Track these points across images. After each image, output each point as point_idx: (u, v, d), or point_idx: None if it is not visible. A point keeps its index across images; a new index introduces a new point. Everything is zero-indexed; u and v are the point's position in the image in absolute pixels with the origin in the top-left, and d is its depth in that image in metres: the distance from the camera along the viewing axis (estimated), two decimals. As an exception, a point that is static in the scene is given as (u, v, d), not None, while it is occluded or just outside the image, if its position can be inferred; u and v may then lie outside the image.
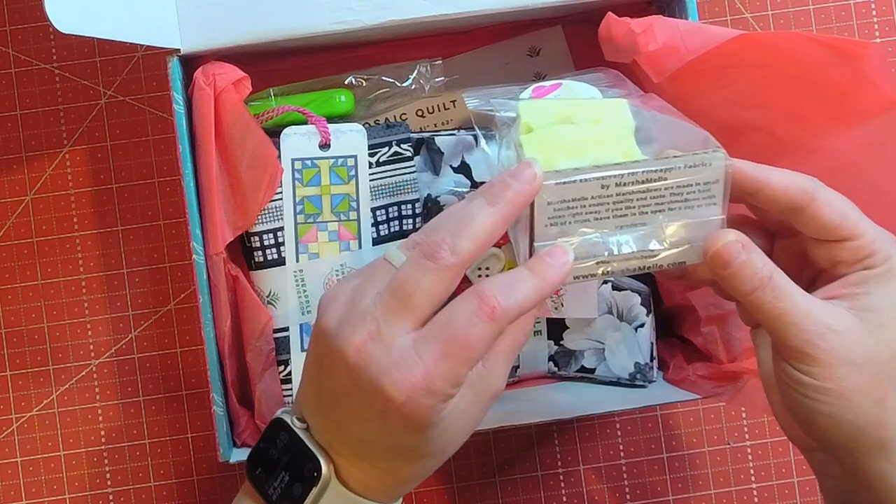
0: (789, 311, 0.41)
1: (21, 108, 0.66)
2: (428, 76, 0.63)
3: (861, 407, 0.41)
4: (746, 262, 0.42)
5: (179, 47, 0.55)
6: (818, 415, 0.41)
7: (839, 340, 0.40)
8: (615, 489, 0.67)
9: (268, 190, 0.56)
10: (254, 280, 0.57)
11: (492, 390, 0.43)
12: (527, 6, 0.56)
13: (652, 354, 0.61)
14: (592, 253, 0.43)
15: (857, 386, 0.40)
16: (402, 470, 0.44)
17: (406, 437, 0.41)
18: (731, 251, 0.42)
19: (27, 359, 0.66)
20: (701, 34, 0.49)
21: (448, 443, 0.43)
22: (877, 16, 0.68)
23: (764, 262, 0.42)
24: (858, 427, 0.41)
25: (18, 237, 0.66)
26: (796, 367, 0.41)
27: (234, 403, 0.57)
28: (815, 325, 0.41)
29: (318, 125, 0.57)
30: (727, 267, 0.42)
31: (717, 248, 0.42)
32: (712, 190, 0.43)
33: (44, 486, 0.65)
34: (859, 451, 0.41)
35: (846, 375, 0.40)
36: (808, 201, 0.42)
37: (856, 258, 0.42)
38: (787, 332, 0.41)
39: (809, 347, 0.40)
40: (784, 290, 0.41)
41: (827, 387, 0.40)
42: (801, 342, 0.40)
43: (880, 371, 0.41)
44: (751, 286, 0.41)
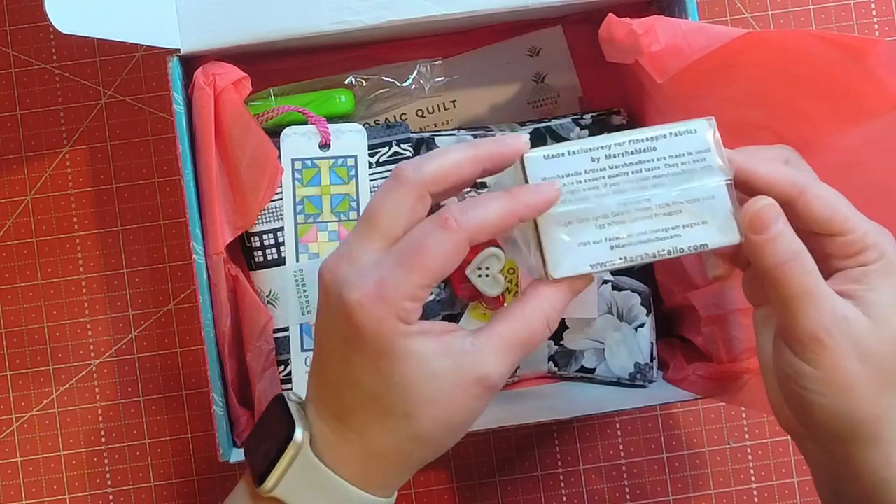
0: (814, 290, 0.40)
1: (21, 108, 0.66)
2: (428, 76, 0.63)
3: (861, 401, 0.41)
4: (784, 231, 0.41)
5: (179, 47, 0.55)
6: (816, 406, 0.41)
7: (850, 331, 0.40)
8: (615, 489, 0.67)
9: (268, 190, 0.56)
10: (254, 280, 0.57)
11: (478, 372, 0.41)
12: (527, 6, 0.56)
13: (652, 354, 0.61)
14: (603, 236, 0.43)
15: (860, 380, 0.40)
16: (372, 432, 0.42)
17: (367, 368, 0.40)
18: (771, 215, 0.41)
19: (27, 359, 0.66)
20: (705, 34, 0.49)
21: (419, 406, 0.41)
22: (877, 16, 0.68)
23: (795, 236, 0.41)
24: (855, 420, 0.41)
25: (18, 237, 0.66)
26: (801, 356, 0.41)
27: (234, 403, 0.57)
28: (832, 310, 0.40)
29: (318, 125, 0.57)
30: (765, 230, 0.41)
31: (757, 209, 0.41)
32: (706, 159, 0.43)
33: (44, 486, 0.65)
34: (853, 443, 0.42)
35: (851, 368, 0.40)
36: (798, 194, 0.42)
37: (847, 253, 0.42)
38: (805, 313, 0.40)
39: (823, 333, 0.40)
40: (812, 269, 0.41)
41: (830, 379, 0.40)
42: (816, 327, 0.40)
43: (881, 366, 0.41)
44: (784, 256, 0.40)
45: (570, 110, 0.64)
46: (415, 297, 0.40)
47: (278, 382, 0.57)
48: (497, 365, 0.41)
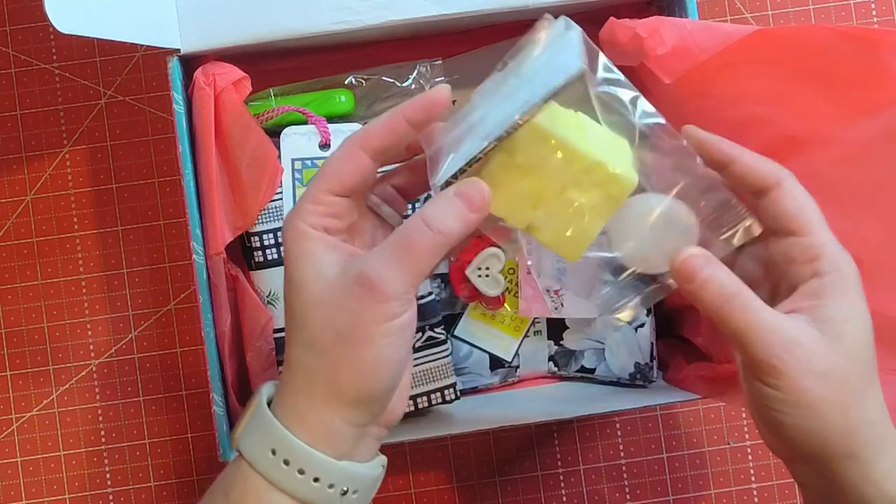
0: (755, 325, 0.41)
1: (21, 108, 0.66)
2: (428, 76, 0.63)
3: (827, 417, 0.41)
4: (712, 277, 0.42)
5: (179, 47, 0.55)
6: (787, 427, 0.42)
7: (802, 353, 0.41)
8: (615, 489, 0.67)
9: (268, 190, 0.56)
10: (254, 280, 0.57)
11: (356, 270, 0.41)
12: (527, 6, 0.56)
13: (652, 354, 0.61)
14: (476, 135, 0.43)
15: (822, 397, 0.41)
16: (288, 351, 0.43)
17: (286, 277, 0.43)
18: (695, 265, 0.42)
19: (27, 359, 0.66)
20: (713, 33, 0.49)
21: (309, 306, 0.42)
22: (877, 16, 0.68)
23: (730, 276, 0.42)
24: (826, 437, 0.42)
25: (18, 237, 0.66)
26: (763, 381, 0.42)
27: (234, 403, 0.57)
28: (780, 338, 0.41)
29: (318, 125, 0.57)
30: (692, 281, 0.42)
31: (681, 260, 0.42)
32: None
33: (44, 486, 0.65)
34: (831, 460, 0.42)
35: (810, 387, 0.41)
36: (774, 185, 0.43)
37: (806, 257, 0.43)
38: (753, 347, 0.41)
39: (775, 360, 0.41)
40: (750, 305, 0.42)
41: (792, 399, 0.41)
42: (767, 356, 0.41)
43: (842, 382, 0.42)
44: (718, 301, 0.42)
45: (570, 110, 0.64)
46: (316, 201, 0.43)
47: (278, 382, 0.57)
48: (377, 264, 0.41)
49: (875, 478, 0.42)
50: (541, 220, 0.43)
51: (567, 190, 0.43)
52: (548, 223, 0.43)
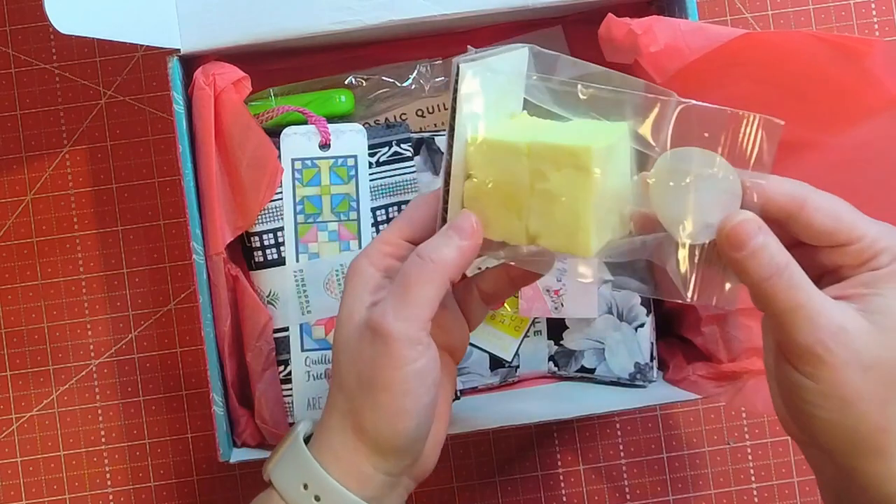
0: (803, 304, 0.38)
1: (21, 108, 0.66)
2: (428, 76, 0.63)
3: (864, 413, 0.39)
4: (764, 246, 0.39)
5: (179, 47, 0.55)
6: (818, 420, 0.39)
7: (850, 342, 0.38)
8: (615, 489, 0.67)
9: (268, 190, 0.56)
10: (254, 280, 0.57)
11: (366, 315, 0.42)
12: (527, 6, 0.56)
13: (652, 354, 0.61)
14: None
15: (862, 392, 0.38)
16: (333, 398, 0.43)
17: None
18: (748, 231, 0.39)
19: (27, 359, 0.66)
20: (704, 34, 0.49)
21: (337, 352, 0.43)
22: (877, 16, 0.68)
23: (780, 248, 0.39)
24: (859, 434, 0.39)
25: (18, 237, 0.66)
26: (800, 369, 0.39)
27: (234, 403, 0.57)
28: (827, 323, 0.38)
29: (318, 125, 0.57)
30: (743, 248, 0.39)
31: (733, 225, 0.39)
32: None
33: (44, 486, 0.65)
34: (857, 456, 0.40)
35: (852, 380, 0.38)
36: (799, 208, 0.40)
37: (859, 261, 0.40)
38: (798, 328, 0.38)
39: (819, 347, 0.38)
40: (799, 282, 0.39)
41: (830, 392, 0.39)
42: (812, 341, 0.38)
43: (885, 376, 0.39)
44: (767, 272, 0.39)
45: (570, 110, 0.64)
46: (384, 240, 0.44)
47: (278, 382, 0.57)
48: (382, 306, 0.41)
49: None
50: (534, 225, 0.42)
51: (535, 184, 0.42)
52: (541, 225, 0.42)
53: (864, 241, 0.40)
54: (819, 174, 0.47)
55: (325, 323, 0.57)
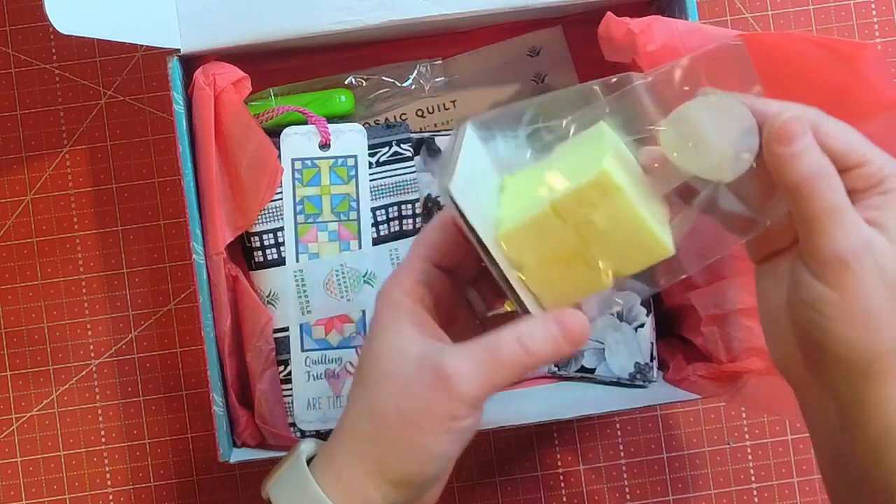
0: (843, 208, 0.39)
1: (21, 108, 0.66)
2: (428, 76, 0.63)
3: (883, 331, 0.39)
4: (813, 144, 0.39)
5: (179, 47, 0.55)
6: (835, 337, 0.39)
7: (876, 256, 0.39)
8: (615, 489, 0.67)
9: (268, 190, 0.56)
10: (254, 280, 0.58)
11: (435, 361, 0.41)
12: (527, 6, 0.56)
13: (652, 354, 0.61)
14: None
15: (882, 307, 0.39)
16: (347, 412, 0.43)
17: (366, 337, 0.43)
18: (799, 128, 0.39)
19: (27, 359, 0.66)
20: (700, 34, 0.49)
21: (379, 377, 0.42)
22: (877, 16, 0.68)
23: (823, 153, 0.40)
24: (874, 353, 0.39)
25: (18, 237, 0.66)
26: (822, 279, 0.39)
27: (234, 403, 0.57)
28: (859, 233, 0.39)
29: (318, 125, 0.57)
30: (793, 143, 0.39)
31: (785, 119, 0.39)
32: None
33: (44, 486, 0.65)
34: (867, 380, 0.40)
35: (875, 294, 0.39)
36: (814, 130, 0.41)
37: (868, 184, 0.40)
38: (831, 233, 0.39)
39: (850, 255, 0.38)
40: (841, 189, 0.39)
41: (851, 305, 0.39)
42: (842, 248, 0.38)
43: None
44: (813, 170, 0.39)
45: (570, 110, 0.64)
46: (412, 266, 0.43)
47: (278, 382, 0.57)
48: (459, 363, 0.41)
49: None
50: (608, 264, 0.42)
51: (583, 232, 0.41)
52: (615, 260, 0.42)
53: (873, 165, 0.40)
54: None
55: (324, 323, 0.57)
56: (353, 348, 0.57)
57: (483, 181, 0.45)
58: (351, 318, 0.57)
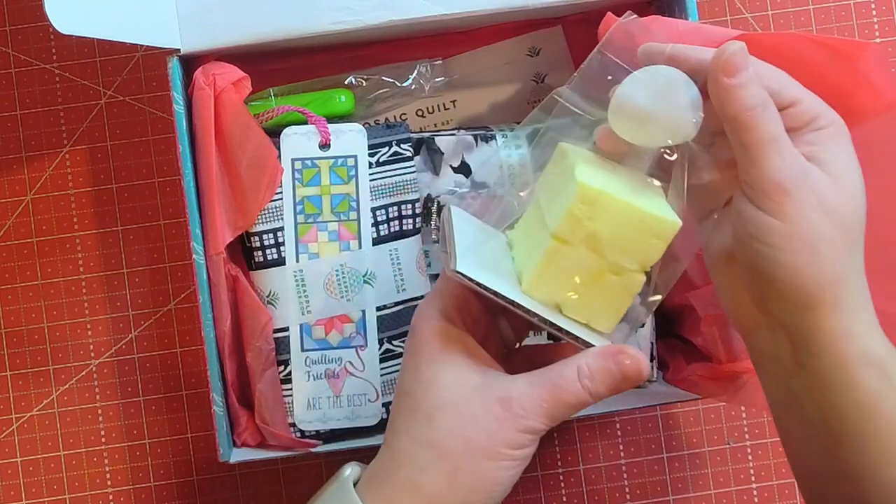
0: (780, 137, 0.40)
1: (21, 108, 0.66)
2: (428, 76, 0.63)
3: (826, 258, 0.40)
4: (754, 77, 0.41)
5: (179, 47, 0.55)
6: (782, 266, 0.40)
7: (814, 184, 0.40)
8: (615, 489, 0.67)
9: (268, 190, 0.56)
10: (254, 280, 0.57)
11: (500, 391, 0.43)
12: (527, 6, 0.56)
13: (652, 354, 0.61)
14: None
15: (825, 234, 0.40)
16: (398, 439, 0.44)
17: (408, 364, 0.44)
18: (743, 60, 0.41)
19: (27, 359, 0.66)
20: (701, 34, 0.49)
21: (440, 408, 0.42)
22: (877, 16, 0.68)
23: (761, 87, 0.41)
24: (819, 282, 0.40)
25: (18, 237, 0.66)
26: (765, 208, 0.40)
27: (234, 403, 0.57)
28: (795, 161, 0.40)
29: (318, 125, 0.57)
30: (736, 74, 0.41)
31: (731, 52, 0.41)
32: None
33: (44, 486, 0.65)
34: (815, 310, 0.41)
35: (816, 220, 0.40)
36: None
37: (802, 122, 0.42)
38: (770, 161, 0.40)
39: (789, 182, 0.40)
40: (777, 119, 0.41)
41: (795, 232, 0.40)
42: (782, 175, 0.40)
43: (844, 222, 0.41)
44: (753, 101, 0.40)
45: (570, 110, 0.64)
46: (445, 292, 0.44)
47: (278, 382, 0.57)
48: (524, 398, 0.42)
49: (854, 332, 0.41)
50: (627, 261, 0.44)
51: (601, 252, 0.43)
52: (629, 255, 0.44)
53: (805, 104, 0.42)
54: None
55: (324, 323, 0.57)
56: (353, 348, 0.57)
57: (488, 247, 0.46)
58: (351, 318, 0.57)
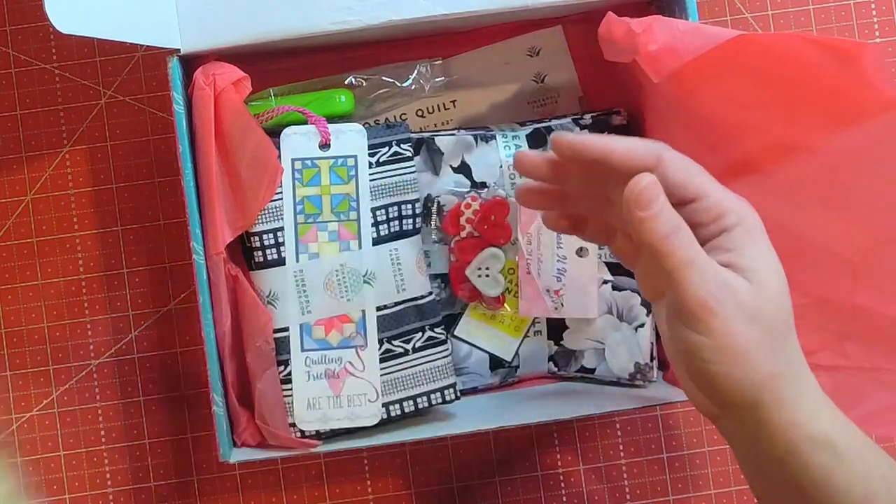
0: (696, 258, 0.42)
1: (21, 108, 0.66)
2: (428, 76, 0.63)
3: (756, 362, 0.42)
4: (665, 205, 0.42)
5: (179, 47, 0.55)
6: (717, 377, 0.42)
7: (734, 295, 0.42)
8: (615, 489, 0.67)
9: (268, 190, 0.56)
10: (254, 280, 0.57)
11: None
12: (527, 6, 0.56)
13: (652, 354, 0.61)
14: None
15: (751, 341, 0.42)
16: None
17: None
18: (655, 192, 0.42)
19: (27, 359, 0.66)
20: (700, 34, 0.49)
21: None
22: (877, 16, 0.68)
23: (674, 211, 0.43)
24: (756, 383, 0.42)
25: (18, 237, 0.66)
26: (693, 328, 0.42)
27: (234, 403, 0.57)
28: (714, 276, 0.42)
29: (318, 125, 0.57)
30: (649, 207, 0.42)
31: (642, 186, 0.42)
32: None
33: (44, 486, 0.65)
34: (759, 408, 0.42)
35: (741, 331, 0.41)
36: (655, 163, 0.43)
37: (708, 219, 0.43)
38: (690, 282, 0.41)
39: (711, 299, 0.41)
40: (691, 240, 0.42)
41: (722, 344, 0.41)
42: (703, 294, 0.41)
43: (768, 325, 0.42)
44: (667, 229, 0.42)
45: (570, 110, 0.64)
46: None
47: (278, 382, 0.57)
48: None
49: (800, 420, 0.42)
50: None
51: None
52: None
53: (711, 199, 0.43)
54: (811, 177, 0.47)
55: (324, 323, 0.57)
56: (353, 348, 0.57)
57: None
58: (351, 318, 0.57)
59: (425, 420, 0.59)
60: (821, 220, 0.48)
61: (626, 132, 0.61)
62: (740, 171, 0.50)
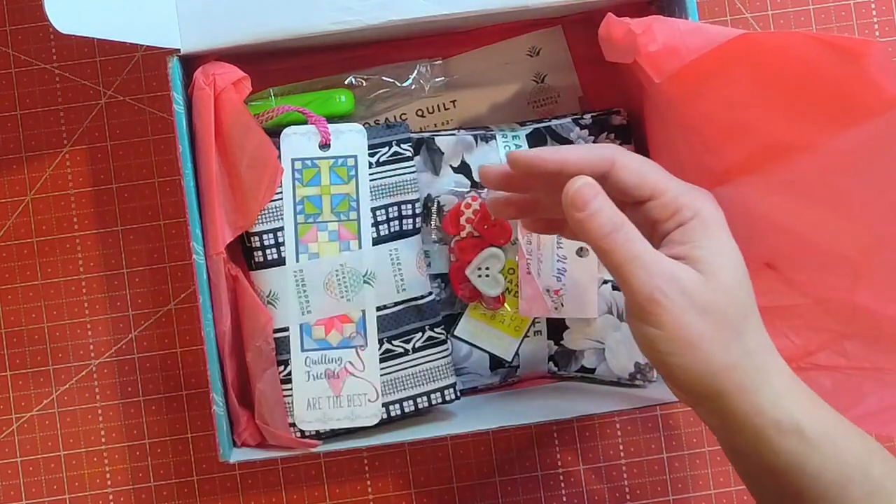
0: (638, 256, 0.42)
1: (21, 108, 0.66)
2: (428, 76, 0.63)
3: (710, 354, 0.42)
4: (602, 207, 0.43)
5: (179, 47, 0.55)
6: (675, 369, 0.43)
7: (683, 288, 0.42)
8: (615, 489, 0.67)
9: (268, 190, 0.56)
10: (254, 280, 0.57)
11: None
12: (527, 6, 0.56)
13: (652, 354, 0.61)
14: None
15: (704, 333, 0.42)
16: None
17: None
18: (589, 193, 0.43)
19: (27, 359, 0.66)
20: (701, 34, 0.49)
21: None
22: (877, 16, 0.68)
23: (615, 210, 0.44)
24: (713, 374, 0.42)
25: (18, 237, 0.66)
26: (646, 321, 0.42)
27: (234, 403, 0.57)
28: (660, 270, 0.42)
29: (318, 125, 0.57)
30: (583, 209, 0.43)
31: (576, 188, 0.43)
32: None
33: (44, 486, 0.65)
34: (723, 396, 0.43)
35: (692, 323, 0.42)
36: (609, 167, 0.44)
37: (666, 215, 0.44)
38: (637, 278, 0.42)
39: (658, 293, 0.42)
40: (634, 237, 0.43)
41: (674, 337, 0.42)
42: (650, 288, 0.42)
43: (721, 316, 0.42)
44: (606, 229, 0.43)
45: (570, 110, 0.64)
46: None
47: (278, 382, 0.57)
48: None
49: (764, 408, 0.43)
50: None
51: None
52: None
53: (667, 196, 0.44)
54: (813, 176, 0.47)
55: (324, 323, 0.57)
56: (353, 348, 0.57)
57: None
58: (351, 318, 0.57)
59: (425, 420, 0.59)
60: (822, 220, 0.48)
61: (626, 132, 0.61)
62: (741, 170, 0.50)
